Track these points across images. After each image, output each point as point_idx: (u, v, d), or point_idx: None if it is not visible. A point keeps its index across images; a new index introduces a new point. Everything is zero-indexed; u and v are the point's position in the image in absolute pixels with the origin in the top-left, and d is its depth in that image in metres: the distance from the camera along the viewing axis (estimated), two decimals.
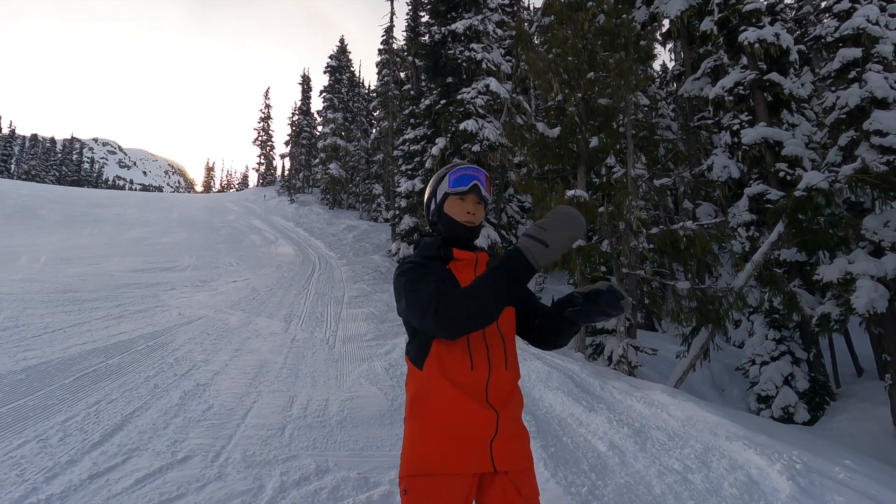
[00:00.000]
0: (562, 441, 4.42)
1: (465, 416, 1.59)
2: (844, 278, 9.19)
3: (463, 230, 1.79)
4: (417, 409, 1.64)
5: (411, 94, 21.88)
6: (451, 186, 1.79)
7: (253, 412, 4.53)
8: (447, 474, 1.55)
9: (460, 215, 1.78)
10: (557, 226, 1.45)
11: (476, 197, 1.79)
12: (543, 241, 1.44)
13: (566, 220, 1.46)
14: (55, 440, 3.51)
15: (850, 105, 10.23)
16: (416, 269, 1.68)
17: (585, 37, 10.09)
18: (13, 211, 22.28)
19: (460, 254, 1.78)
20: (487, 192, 1.81)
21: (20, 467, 3.10)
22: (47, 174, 74.65)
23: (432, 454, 1.57)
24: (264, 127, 48.55)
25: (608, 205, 9.47)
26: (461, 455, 1.56)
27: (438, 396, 1.60)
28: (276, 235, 23.25)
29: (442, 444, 1.57)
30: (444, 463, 1.55)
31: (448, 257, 1.76)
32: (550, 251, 1.44)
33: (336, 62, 38.62)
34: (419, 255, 1.81)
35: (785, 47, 11.62)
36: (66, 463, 3.22)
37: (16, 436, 3.51)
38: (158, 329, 7.04)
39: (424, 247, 1.82)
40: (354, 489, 3.30)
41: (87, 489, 2.96)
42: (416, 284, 1.62)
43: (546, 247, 1.44)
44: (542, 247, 1.45)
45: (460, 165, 1.83)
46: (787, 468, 3.71)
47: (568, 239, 1.45)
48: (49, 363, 5.10)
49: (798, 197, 9.18)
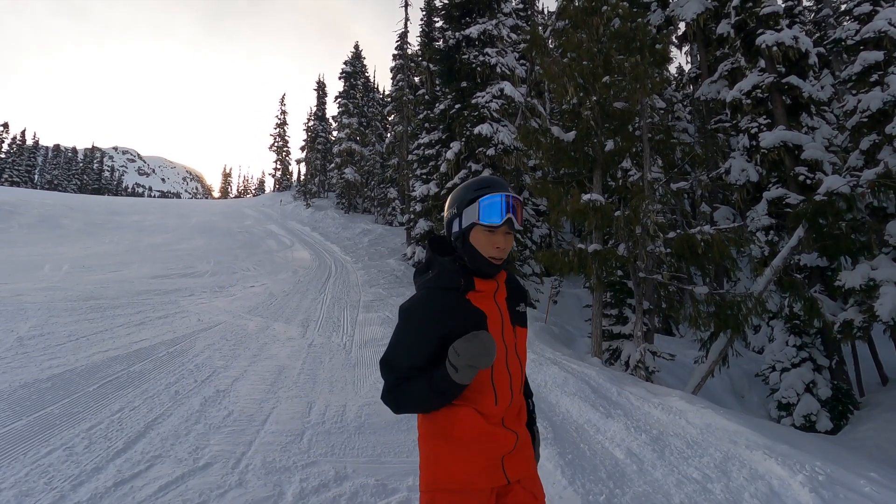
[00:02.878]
0: (579, 448, 4.40)
1: (488, 437, 1.66)
2: (867, 284, 9.02)
3: (488, 266, 1.67)
4: (443, 430, 1.68)
5: (426, 99, 21.96)
6: (483, 218, 1.63)
7: (272, 418, 4.57)
8: (471, 490, 1.63)
9: (488, 250, 1.65)
10: (467, 355, 1.53)
11: (508, 228, 1.65)
12: (454, 366, 1.54)
13: (476, 351, 1.54)
14: (80, 448, 3.58)
15: (871, 108, 10.07)
16: (416, 317, 1.65)
17: (600, 41, 10.06)
18: (36, 220, 22.73)
19: (482, 284, 1.69)
20: (520, 222, 1.68)
21: (48, 475, 3.18)
22: (69, 183, 76.16)
23: (458, 472, 1.64)
24: (280, 133, 49.08)
25: (624, 209, 9.42)
26: (484, 472, 1.65)
27: (463, 421, 1.65)
28: (293, 240, 23.45)
29: (466, 463, 1.64)
30: (469, 479, 1.63)
31: (468, 288, 1.67)
32: (458, 376, 1.54)
33: (351, 68, 38.94)
34: (436, 282, 1.67)
35: (804, 50, 11.47)
36: (92, 471, 3.29)
37: (43, 444, 3.59)
38: (178, 335, 7.14)
39: (443, 274, 1.67)
40: (373, 496, 3.32)
41: (112, 496, 3.02)
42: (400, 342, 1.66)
43: (456, 371, 1.54)
44: (454, 371, 1.54)
45: (492, 188, 1.67)
46: (809, 479, 3.65)
47: (470, 369, 1.54)
48: (73, 371, 5.21)
49: (819, 201, 9.04)
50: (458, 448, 1.64)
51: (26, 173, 66.82)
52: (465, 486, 1.63)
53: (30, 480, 3.11)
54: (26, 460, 3.35)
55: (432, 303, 1.64)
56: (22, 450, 3.49)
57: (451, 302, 1.64)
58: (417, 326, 1.63)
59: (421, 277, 1.74)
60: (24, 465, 3.27)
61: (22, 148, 67.62)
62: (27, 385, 4.69)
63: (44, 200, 29.42)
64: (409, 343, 1.64)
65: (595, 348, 10.15)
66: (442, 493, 1.64)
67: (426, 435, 1.72)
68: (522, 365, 1.77)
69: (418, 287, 1.74)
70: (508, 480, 1.67)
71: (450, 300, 1.65)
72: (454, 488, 1.63)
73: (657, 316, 11.57)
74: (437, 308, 1.63)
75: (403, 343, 1.64)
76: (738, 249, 9.61)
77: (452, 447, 1.65)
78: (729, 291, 9.23)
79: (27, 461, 3.34)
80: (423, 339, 1.62)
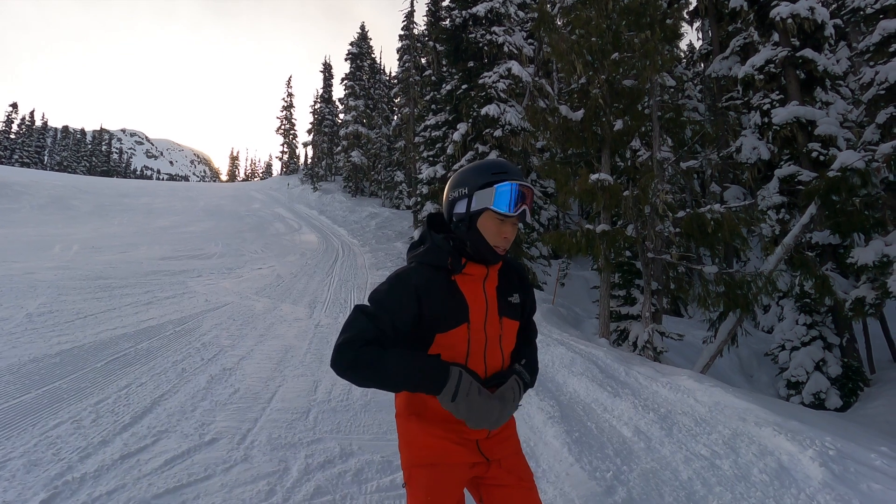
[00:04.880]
0: (586, 426, 4.39)
1: (458, 423, 1.63)
2: (881, 261, 8.88)
3: (491, 255, 1.62)
4: (416, 408, 1.67)
5: (432, 80, 21.75)
6: (497, 205, 1.57)
7: (278, 396, 4.58)
8: (446, 464, 1.63)
9: (495, 238, 1.60)
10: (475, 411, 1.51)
11: (517, 219, 1.61)
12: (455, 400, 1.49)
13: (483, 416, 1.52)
14: (88, 421, 3.60)
15: (889, 80, 9.82)
16: (394, 290, 1.57)
17: (610, 17, 9.84)
18: (47, 202, 22.90)
19: (472, 268, 1.64)
20: (530, 214, 1.63)
21: (56, 447, 3.20)
22: (78, 165, 76.57)
23: (432, 446, 1.64)
24: (287, 115, 48.87)
25: (633, 188, 9.30)
26: (459, 447, 1.64)
27: (436, 406, 1.62)
28: (300, 223, 23.48)
29: (440, 439, 1.63)
30: (444, 453, 1.63)
31: (455, 270, 1.61)
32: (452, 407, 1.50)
33: (357, 49, 38.56)
34: (425, 257, 1.63)
35: (820, 22, 11.15)
36: (99, 443, 3.31)
37: (51, 416, 3.62)
38: (186, 315, 7.16)
39: (432, 251, 1.63)
40: (378, 472, 3.32)
41: (119, 469, 3.03)
42: (373, 306, 1.55)
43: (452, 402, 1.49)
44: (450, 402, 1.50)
45: (510, 175, 1.60)
46: (819, 454, 3.62)
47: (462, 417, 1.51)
48: (81, 347, 5.24)
49: (832, 177, 8.86)
50: (431, 425, 1.64)
51: (36, 154, 67.28)
52: (440, 460, 1.62)
53: (38, 451, 3.13)
54: (35, 431, 3.38)
55: (418, 276, 1.59)
56: (31, 421, 3.52)
57: (437, 281, 1.60)
58: (400, 295, 1.56)
59: (412, 252, 1.71)
60: (32, 437, 3.30)
61: (31, 129, 67.98)
62: (36, 360, 4.73)
63: (54, 182, 29.64)
64: (391, 305, 1.54)
65: (603, 329, 10.10)
66: (418, 468, 1.64)
67: (402, 413, 1.71)
68: (505, 358, 1.71)
69: (408, 260, 1.71)
70: (487, 459, 1.67)
71: (437, 279, 1.60)
72: (430, 462, 1.62)
73: (665, 296, 11.49)
74: (420, 283, 1.58)
75: (386, 304, 1.54)
76: (749, 228, 9.49)
77: (425, 424, 1.64)
78: (739, 271, 9.13)
79: (35, 432, 3.36)
80: (402, 308, 1.55)
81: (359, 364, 1.45)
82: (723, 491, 3.30)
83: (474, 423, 1.51)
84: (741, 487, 3.35)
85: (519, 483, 1.70)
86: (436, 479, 1.61)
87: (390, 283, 1.59)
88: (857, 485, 3.29)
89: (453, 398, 1.49)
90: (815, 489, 3.26)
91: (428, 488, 1.60)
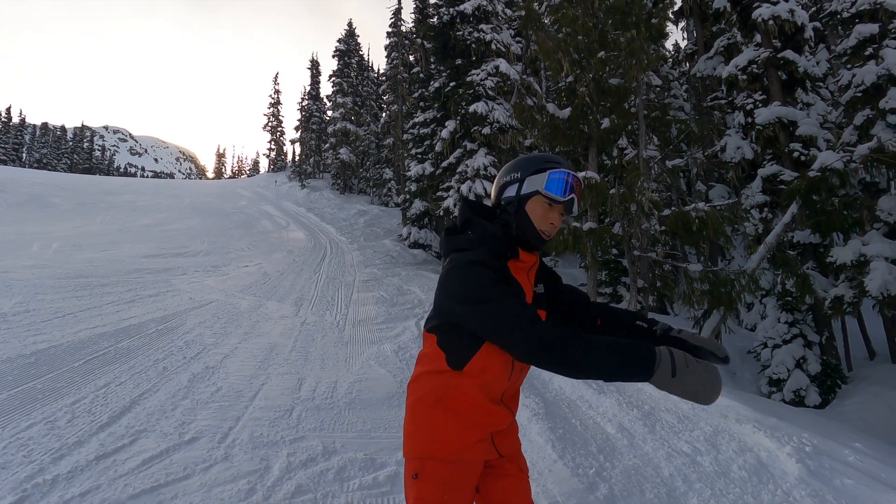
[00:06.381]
0: (570, 423, 4.40)
1: (485, 412, 1.60)
2: (858, 260, 9.03)
3: (537, 239, 1.62)
4: (441, 398, 1.60)
5: (420, 77, 21.69)
6: (548, 188, 1.59)
7: (261, 394, 4.54)
8: (464, 461, 1.59)
9: (542, 223, 1.61)
10: (699, 382, 1.37)
11: (565, 209, 1.63)
12: (676, 374, 1.35)
13: (708, 385, 1.37)
14: (63, 422, 3.54)
15: (865, 83, 9.97)
16: (493, 274, 1.48)
17: (596, 15, 9.88)
18: (25, 199, 22.52)
19: (525, 256, 1.63)
20: (579, 208, 1.65)
21: (27, 448, 3.14)
22: (59, 162, 75.38)
23: (452, 441, 1.57)
24: (274, 112, 48.43)
25: (620, 187, 9.34)
26: (478, 444, 1.60)
27: (464, 392, 1.58)
28: (288, 221, 23.32)
29: (461, 434, 1.58)
30: (463, 450, 1.58)
31: (513, 256, 1.60)
32: (673, 382, 1.36)
33: (344, 46, 38.33)
34: (486, 249, 1.56)
35: (800, 24, 11.28)
36: (74, 444, 3.25)
37: (24, 418, 3.55)
38: (169, 313, 7.08)
39: (490, 238, 1.59)
40: (361, 470, 3.31)
41: (94, 469, 2.98)
42: (502, 301, 1.45)
43: (673, 377, 1.36)
44: (669, 376, 1.36)
45: (563, 165, 1.62)
46: (796, 451, 3.66)
47: (689, 395, 1.37)
48: (58, 347, 5.16)
49: (812, 177, 8.98)
50: (454, 418, 1.58)
51: (13, 151, 66.05)
52: (459, 457, 1.57)
53: (7, 453, 3.07)
54: (5, 434, 3.31)
55: (491, 260, 1.52)
56: (1, 423, 3.45)
57: (501, 267, 1.55)
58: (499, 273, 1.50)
59: (456, 238, 1.64)
60: (1, 439, 3.24)
61: (8, 126, 66.74)
62: (9, 360, 4.65)
63: (33, 179, 29.13)
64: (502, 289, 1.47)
65: None
66: (434, 461, 1.57)
67: (422, 400, 1.63)
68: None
69: (454, 247, 1.63)
70: (500, 454, 1.64)
71: (499, 264, 1.55)
72: (449, 459, 1.57)
73: (651, 294, 11.58)
74: (496, 266, 1.52)
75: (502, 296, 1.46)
76: (733, 227, 9.58)
77: (449, 416, 1.58)
78: (723, 269, 9.23)
79: (6, 434, 3.30)
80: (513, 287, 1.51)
81: (575, 351, 1.38)
82: (703, 487, 3.33)
83: (705, 396, 1.37)
84: (721, 484, 3.38)
85: (518, 473, 1.71)
86: (453, 476, 1.57)
87: (478, 272, 1.49)
88: (832, 480, 3.33)
89: (674, 373, 1.35)
90: (792, 485, 3.30)
91: (443, 484, 1.56)
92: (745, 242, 10.81)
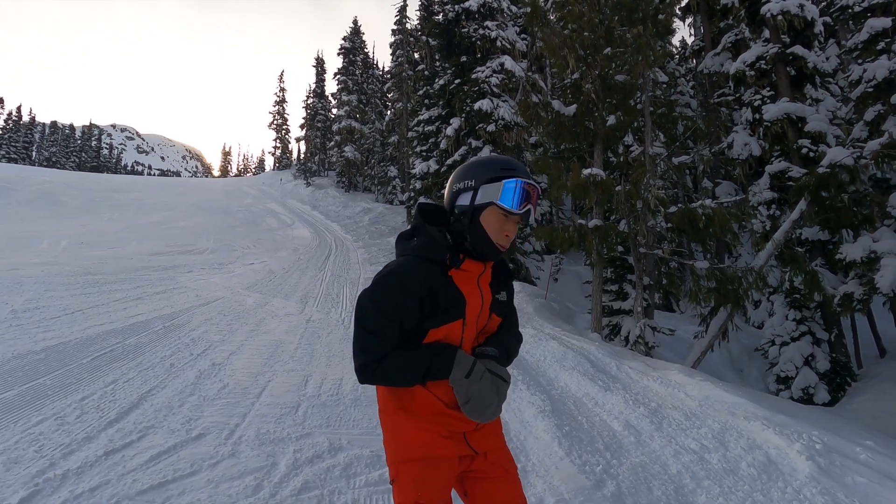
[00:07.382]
0: (577, 420, 4.39)
1: (446, 418, 1.62)
2: (868, 257, 8.95)
3: (492, 251, 1.58)
4: (403, 403, 1.62)
5: (425, 75, 21.66)
6: (503, 200, 1.53)
7: (267, 391, 4.55)
8: (436, 457, 1.59)
9: (497, 235, 1.56)
10: (483, 395, 1.53)
11: (521, 218, 1.57)
12: (470, 377, 1.53)
13: (486, 399, 1.54)
14: (72, 418, 3.56)
15: (877, 78, 9.87)
16: (391, 292, 1.51)
17: (602, 11, 9.84)
18: (34, 197, 22.69)
19: (469, 265, 1.59)
20: (535, 216, 1.60)
21: (38, 443, 3.15)
22: (67, 160, 75.86)
23: (420, 440, 1.59)
24: (279, 111, 48.58)
25: (625, 184, 9.30)
26: (447, 440, 1.61)
27: (424, 398, 1.61)
28: (293, 219, 23.38)
29: (428, 432, 1.59)
30: (432, 446, 1.59)
31: (454, 265, 1.57)
32: (464, 385, 1.52)
33: (350, 44, 38.37)
34: (422, 251, 1.57)
35: (809, 19, 11.17)
36: (83, 440, 3.26)
37: (34, 413, 3.57)
38: (175, 310, 7.11)
39: (430, 245, 1.57)
40: (367, 466, 3.30)
41: (103, 465, 2.99)
42: (376, 319, 1.51)
43: (466, 378, 1.52)
44: (464, 378, 1.52)
45: (518, 172, 1.57)
46: (806, 448, 3.63)
47: (469, 404, 1.53)
48: (67, 343, 5.18)
49: (821, 174, 8.90)
50: (419, 419, 1.59)
51: (24, 150, 66.57)
52: (428, 454, 1.58)
53: (20, 448, 3.08)
54: (16, 429, 3.32)
55: (417, 272, 1.53)
56: (13, 418, 3.46)
57: (435, 277, 1.54)
58: (403, 299, 1.51)
59: (404, 244, 1.63)
60: (14, 434, 3.25)
61: (18, 124, 67.20)
62: (20, 356, 4.67)
63: (42, 177, 29.34)
64: (394, 313, 1.51)
65: (595, 324, 10.13)
66: (406, 463, 1.59)
67: (386, 408, 1.66)
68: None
69: (400, 253, 1.64)
70: (475, 451, 1.64)
71: (433, 274, 1.54)
72: (417, 457, 1.58)
73: (657, 292, 11.54)
74: (420, 279, 1.52)
75: (389, 313, 1.51)
76: (740, 224, 9.52)
77: (412, 418, 1.59)
78: (730, 266, 9.17)
79: (17, 430, 3.31)
80: (406, 311, 1.51)
81: (384, 377, 1.54)
82: (711, 485, 3.31)
83: (475, 408, 1.52)
84: (729, 481, 3.36)
85: (505, 475, 1.68)
86: (426, 473, 1.56)
87: (388, 285, 1.53)
88: (843, 478, 3.31)
89: (468, 374, 1.52)
90: (802, 482, 3.27)
91: (418, 483, 1.55)
92: (752, 239, 10.75)
